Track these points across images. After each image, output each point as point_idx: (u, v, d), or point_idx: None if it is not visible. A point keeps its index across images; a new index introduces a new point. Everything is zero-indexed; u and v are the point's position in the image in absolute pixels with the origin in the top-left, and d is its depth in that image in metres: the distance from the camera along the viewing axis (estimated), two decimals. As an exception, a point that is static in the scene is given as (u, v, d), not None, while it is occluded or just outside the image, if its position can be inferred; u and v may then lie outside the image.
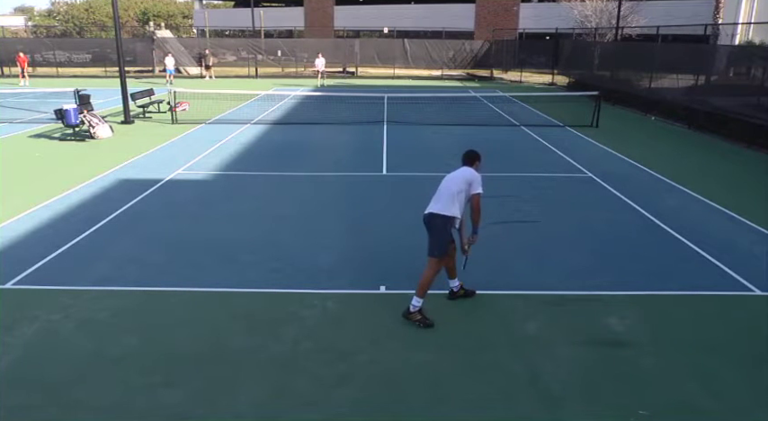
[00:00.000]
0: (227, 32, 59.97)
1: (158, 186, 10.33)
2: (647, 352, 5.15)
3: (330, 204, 9.49)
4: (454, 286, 6.08)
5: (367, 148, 13.88)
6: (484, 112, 20.36)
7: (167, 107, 18.45)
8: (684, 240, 7.85)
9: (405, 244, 7.67)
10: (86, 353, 5.04)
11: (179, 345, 5.18)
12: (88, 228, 8.04)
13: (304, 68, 37.58)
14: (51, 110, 15.89)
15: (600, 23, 31.48)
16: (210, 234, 8.00)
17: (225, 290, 6.26)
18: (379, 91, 23.70)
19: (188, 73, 35.32)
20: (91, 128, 14.77)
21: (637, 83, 21.84)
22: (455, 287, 6.08)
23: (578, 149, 14.00)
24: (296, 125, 17.26)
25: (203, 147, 13.81)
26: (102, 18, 68.91)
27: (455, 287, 6.08)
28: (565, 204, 9.63)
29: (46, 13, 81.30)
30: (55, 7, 79.97)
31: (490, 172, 11.47)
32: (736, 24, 27.32)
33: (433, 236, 5.60)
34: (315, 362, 4.95)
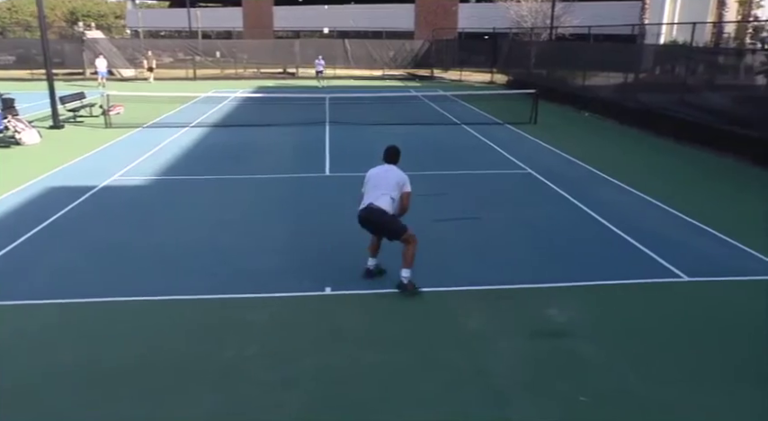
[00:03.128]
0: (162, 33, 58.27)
1: (92, 193, 9.93)
2: (586, 341, 5.33)
3: (273, 206, 9.38)
4: (373, 264, 6.49)
5: (309, 149, 13.79)
6: (425, 111, 20.58)
7: (100, 111, 17.75)
8: (618, 231, 8.18)
9: (349, 244, 7.65)
10: (19, 370, 4.80)
11: (118, 358, 5.00)
12: (16, 240, 7.64)
13: (244, 69, 36.97)
14: (-28, 115, 15.00)
15: (535, 23, 32.39)
16: (149, 241, 7.76)
17: (165, 298, 6.08)
18: (320, 91, 23.57)
19: (121, 75, 34.12)
20: (16, 133, 14.05)
21: (571, 81, 22.58)
22: (372, 266, 6.49)
23: (517, 146, 14.35)
24: (237, 127, 16.95)
25: (140, 151, 13.37)
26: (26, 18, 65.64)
27: (372, 266, 6.49)
28: (505, 200, 9.86)
29: (-36, 13, 76.72)
30: (-26, 7, 75.60)
31: (431, 170, 11.65)
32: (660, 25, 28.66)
33: (386, 224, 6.07)
34: (261, 368, 4.88)
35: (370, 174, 6.26)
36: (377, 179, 6.10)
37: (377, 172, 6.20)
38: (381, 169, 6.23)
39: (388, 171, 6.18)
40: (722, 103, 14.16)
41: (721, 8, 31.74)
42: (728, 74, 15.80)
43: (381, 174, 6.11)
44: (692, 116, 14.75)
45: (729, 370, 4.89)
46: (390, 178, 6.08)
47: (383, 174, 6.11)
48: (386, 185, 6.04)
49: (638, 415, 4.34)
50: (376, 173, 6.21)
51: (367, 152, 13.42)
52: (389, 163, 6.29)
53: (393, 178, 6.09)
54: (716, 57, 17.13)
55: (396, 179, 6.09)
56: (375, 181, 6.11)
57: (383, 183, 6.05)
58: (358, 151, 13.55)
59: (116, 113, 17.79)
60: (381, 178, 6.07)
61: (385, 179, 6.05)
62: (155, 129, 16.68)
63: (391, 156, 6.37)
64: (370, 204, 6.02)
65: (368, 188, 6.16)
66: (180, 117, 18.82)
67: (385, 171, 6.19)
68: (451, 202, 9.60)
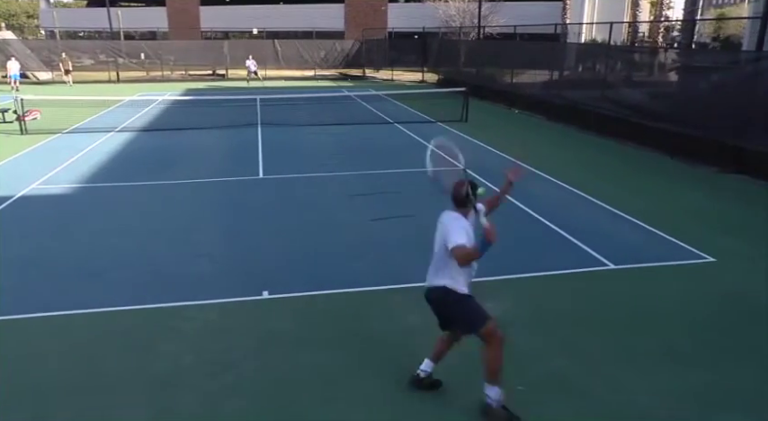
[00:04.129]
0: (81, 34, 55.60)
1: (8, 203, 9.36)
2: (522, 331, 5.49)
3: (205, 211, 9.15)
4: (425, 370, 4.58)
5: (242, 152, 13.53)
6: (358, 111, 20.61)
7: (14, 116, 16.74)
8: (549, 224, 8.47)
9: (285, 247, 7.60)
10: (-71, 398, 4.46)
11: (45, 376, 4.74)
12: (-76, 257, 7.10)
13: (171, 72, 35.81)
14: None
15: (464, 23, 33.08)
16: (74, 252, 7.39)
17: (92, 310, 5.81)
18: (251, 93, 23.15)
19: (37, 78, 32.33)
20: None
21: (500, 79, 23.20)
22: (424, 372, 4.57)
23: (450, 144, 14.57)
24: (166, 131, 16.41)
25: (61, 158, 12.71)
26: (-73, 18, 61.05)
27: (424, 372, 4.57)
28: (439, 197, 9.99)
29: None
30: None
31: (367, 169, 11.68)
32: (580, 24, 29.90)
33: (451, 311, 4.41)
34: (200, 377, 4.75)
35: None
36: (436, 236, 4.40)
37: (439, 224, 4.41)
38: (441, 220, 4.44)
39: (440, 224, 4.46)
40: (639, 99, 14.93)
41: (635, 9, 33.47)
42: (644, 71, 16.68)
43: (439, 229, 4.40)
44: (613, 111, 15.47)
45: (654, 351, 5.16)
46: (441, 234, 4.36)
47: (439, 229, 4.40)
48: (437, 248, 4.38)
49: (574, 399, 4.51)
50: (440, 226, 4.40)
51: (300, 154, 13.34)
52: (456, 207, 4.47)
53: (441, 233, 4.36)
54: (631, 55, 18.04)
55: (442, 233, 4.33)
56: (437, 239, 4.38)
57: (437, 245, 4.39)
58: (291, 153, 13.42)
59: (32, 119, 16.84)
60: (437, 235, 4.41)
61: (438, 237, 4.38)
62: (76, 134, 15.90)
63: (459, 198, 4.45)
64: (428, 285, 4.46)
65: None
66: (103, 122, 18.02)
67: (440, 224, 4.45)
68: (387, 201, 9.66)
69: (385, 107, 21.60)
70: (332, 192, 10.23)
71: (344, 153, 13.32)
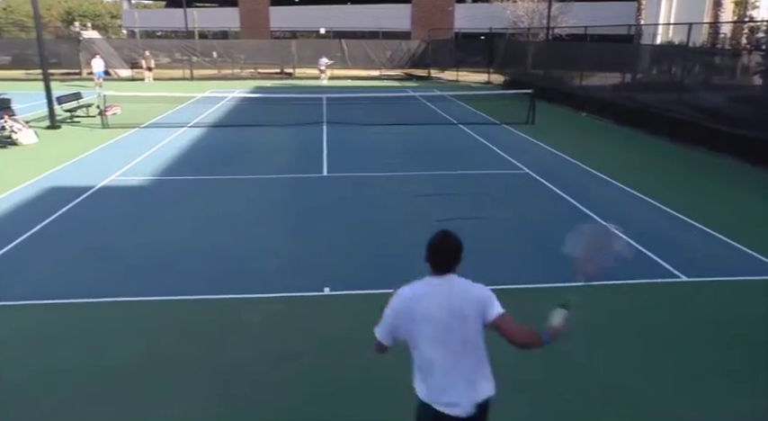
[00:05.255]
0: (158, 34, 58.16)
1: (89, 194, 9.91)
2: (583, 341, 5.33)
3: (271, 207, 9.37)
4: None
5: (307, 150, 13.78)
6: (422, 111, 20.59)
7: (97, 111, 17.71)
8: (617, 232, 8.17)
9: (347, 244, 7.68)
10: (18, 369, 4.78)
11: (116, 358, 4.99)
12: (13, 240, 7.62)
13: (241, 70, 36.92)
14: (-32, 116, 14.95)
15: (532, 23, 32.43)
16: (146, 242, 7.74)
17: (163, 298, 6.07)
18: (317, 92, 23.56)
19: (118, 75, 34.04)
20: (13, 134, 14.00)
21: (568, 81, 22.63)
22: None
23: (514, 146, 14.37)
24: (234, 127, 16.93)
25: (137, 152, 13.34)
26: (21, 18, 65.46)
27: None
28: (503, 199, 9.88)
29: (-41, 13, 76.47)
30: (-31, 7, 75.38)
31: (430, 170, 11.66)
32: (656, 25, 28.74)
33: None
34: (260, 368, 4.87)
35: (410, 312, 2.95)
36: (435, 329, 2.87)
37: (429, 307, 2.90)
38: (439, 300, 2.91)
39: (452, 298, 2.91)
40: (718, 103, 14.21)
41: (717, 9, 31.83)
42: (724, 74, 15.87)
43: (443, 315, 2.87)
44: (687, 115, 14.79)
45: (723, 370, 4.90)
46: (466, 315, 2.89)
47: (448, 313, 2.87)
48: (466, 338, 2.90)
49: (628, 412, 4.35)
50: (428, 310, 2.89)
51: (364, 153, 13.45)
52: (445, 270, 3.03)
53: (470, 312, 2.91)
54: (712, 57, 17.20)
55: (474, 308, 2.94)
56: (432, 333, 2.88)
57: (457, 338, 2.88)
58: (355, 152, 13.55)
59: (113, 114, 17.75)
60: (447, 325, 2.86)
61: (456, 326, 2.87)
62: (152, 129, 16.65)
63: (449, 258, 3.06)
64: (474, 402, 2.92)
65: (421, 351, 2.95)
66: (177, 117, 18.79)
67: (452, 307, 2.88)
68: (451, 203, 9.60)
69: (449, 108, 21.48)
70: (395, 191, 10.27)
71: (408, 153, 13.33)
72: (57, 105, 17.03)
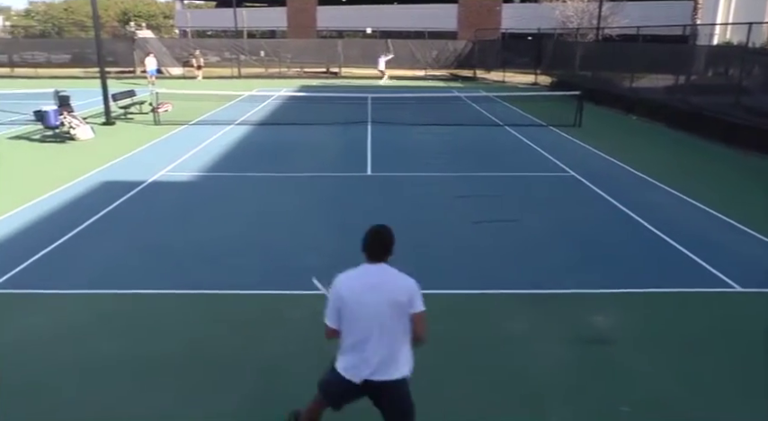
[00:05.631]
0: (209, 33, 59.53)
1: (141, 188, 10.24)
2: (630, 350, 5.21)
3: (315, 205, 9.48)
4: None
5: (351, 149, 13.88)
6: (467, 112, 20.45)
7: (149, 108, 18.28)
8: (666, 237, 7.96)
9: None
10: (68, 358, 4.99)
11: (162, 349, 5.14)
12: (69, 231, 7.94)
13: (287, 69, 37.44)
14: (31, 111, 15.65)
15: (581, 24, 31.80)
16: (195, 236, 7.95)
17: (210, 292, 6.22)
18: (362, 91, 23.69)
19: (170, 73, 35.01)
20: (71, 129, 14.59)
21: (618, 82, 22.09)
22: None
23: (561, 148, 14.12)
24: (280, 126, 17.20)
25: (187, 148, 13.71)
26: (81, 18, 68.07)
27: None
28: (547, 202, 9.72)
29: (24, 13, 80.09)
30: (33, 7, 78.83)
31: (472, 171, 11.57)
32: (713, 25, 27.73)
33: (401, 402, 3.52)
34: (303, 365, 4.93)
35: (349, 294, 3.35)
36: (367, 309, 3.29)
37: (363, 290, 3.32)
38: (372, 284, 3.34)
39: (380, 286, 3.33)
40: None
41: (779, 8, 30.47)
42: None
43: (374, 297, 3.29)
44: (745, 119, 14.23)
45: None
46: (393, 301, 3.28)
47: (379, 297, 3.29)
48: (390, 320, 3.29)
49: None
50: (361, 293, 3.31)
51: (408, 153, 13.45)
52: (377, 260, 3.44)
53: (397, 299, 3.29)
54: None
55: (401, 298, 3.31)
56: (363, 312, 3.30)
57: (382, 320, 3.28)
58: (400, 152, 13.58)
59: (164, 111, 18.28)
60: (377, 307, 3.27)
61: (384, 308, 3.27)
62: (200, 126, 17.08)
63: (381, 248, 3.48)
64: (369, 378, 3.36)
65: (351, 327, 3.35)
66: (225, 115, 19.21)
67: (383, 292, 3.30)
68: (492, 204, 9.52)
69: (495, 109, 21.27)
70: (437, 192, 10.24)
71: (452, 153, 13.27)
72: (112, 102, 17.66)
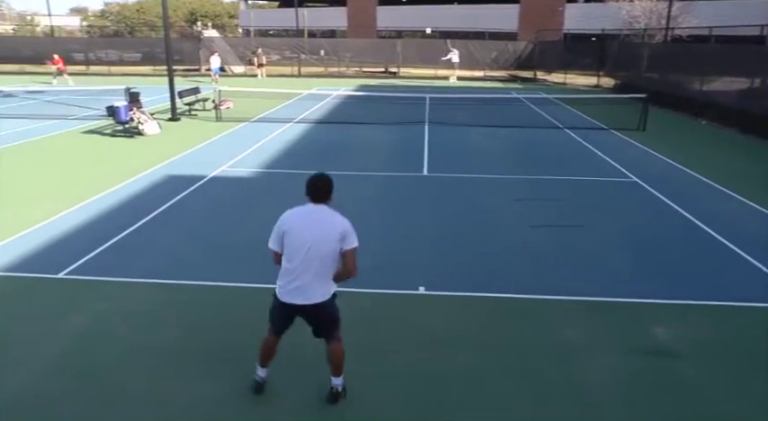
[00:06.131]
0: (270, 32, 60.87)
1: (203, 183, 10.56)
2: (692, 363, 4.99)
3: (369, 203, 9.53)
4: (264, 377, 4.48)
5: (408, 149, 13.87)
6: (526, 114, 20.10)
7: (212, 105, 18.85)
8: (735, 248, 7.58)
9: (443, 245, 7.65)
10: (129, 344, 5.19)
11: (218, 339, 5.27)
12: (136, 222, 8.28)
13: (346, 68, 37.82)
14: (103, 107, 16.42)
15: (649, 24, 30.67)
16: (252, 230, 8.12)
17: (262, 286, 6.33)
18: (420, 91, 23.66)
19: (232, 71, 35.99)
20: (140, 124, 15.21)
21: (687, 85, 21.20)
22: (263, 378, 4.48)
23: (624, 153, 13.68)
24: (338, 124, 17.39)
25: (247, 144, 14.05)
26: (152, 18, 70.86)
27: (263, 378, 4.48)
28: (609, 208, 9.44)
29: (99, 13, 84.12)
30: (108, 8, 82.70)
31: (530, 174, 11.36)
32: (794, 25, 26.19)
33: (328, 319, 4.25)
34: (349, 362, 4.95)
35: (289, 224, 4.06)
36: (302, 239, 3.97)
37: (300, 222, 4.02)
38: (307, 216, 4.06)
39: (319, 222, 4.02)
40: None
41: None
42: None
43: (310, 228, 3.99)
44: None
45: None
46: (328, 237, 3.98)
47: (313, 228, 3.99)
48: (324, 253, 4.00)
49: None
50: (299, 224, 4.01)
51: (465, 153, 13.34)
52: (318, 201, 4.10)
53: (332, 235, 3.98)
54: None
55: (334, 233, 3.98)
56: (300, 241, 3.98)
57: (318, 251, 3.97)
58: (456, 152, 13.48)
59: (226, 108, 18.81)
60: (315, 240, 3.95)
61: (321, 242, 3.96)
62: (260, 123, 17.47)
63: (323, 191, 4.12)
64: (303, 302, 4.07)
65: (290, 253, 4.02)
66: (284, 113, 19.58)
67: (314, 222, 4.01)
68: (551, 208, 9.32)
69: (555, 111, 20.82)
70: (494, 194, 10.10)
71: (509, 156, 13.08)
72: (178, 99, 18.30)
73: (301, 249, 3.96)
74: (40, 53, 29.35)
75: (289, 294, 4.07)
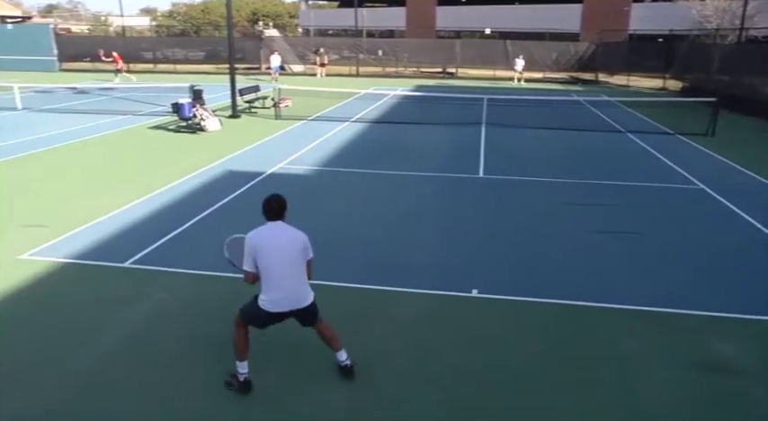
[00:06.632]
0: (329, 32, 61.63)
1: (261, 179, 10.80)
2: (755, 381, 4.74)
3: (424, 204, 9.51)
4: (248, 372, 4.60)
5: (464, 150, 13.76)
6: (586, 117, 19.57)
7: (271, 103, 19.24)
8: (810, 263, 7.15)
9: (498, 248, 7.55)
10: (188, 333, 5.37)
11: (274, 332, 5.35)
12: (197, 215, 8.55)
13: (404, 68, 37.85)
14: (169, 103, 17.04)
15: (721, 24, 29.34)
16: (309, 228, 8.18)
17: (317, 283, 6.39)
18: (478, 92, 23.43)
19: (292, 70, 36.63)
20: (202, 121, 15.69)
21: (762, 89, 20.14)
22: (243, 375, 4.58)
23: (689, 159, 13.13)
24: (394, 124, 17.42)
25: (304, 142, 14.27)
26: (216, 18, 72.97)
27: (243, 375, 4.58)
28: (673, 216, 9.08)
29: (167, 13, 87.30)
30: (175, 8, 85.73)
31: (590, 179, 11.06)
32: None
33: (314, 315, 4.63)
34: (403, 363, 4.96)
35: (260, 243, 4.35)
36: (278, 254, 4.35)
37: (269, 239, 4.38)
38: (273, 232, 4.44)
39: (284, 235, 4.47)
40: None
41: None
42: None
43: (279, 241, 4.39)
44: None
45: None
46: (295, 247, 4.43)
47: (285, 244, 4.40)
48: (296, 261, 4.42)
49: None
50: (269, 241, 4.37)
51: (522, 156, 13.12)
52: (276, 219, 4.52)
53: (297, 245, 4.44)
54: None
55: (300, 245, 4.46)
56: (275, 254, 4.34)
57: (291, 260, 4.39)
58: (513, 155, 13.28)
59: (285, 106, 19.16)
60: (285, 251, 4.38)
61: (291, 252, 4.39)
62: (318, 122, 17.71)
63: (279, 210, 4.57)
64: (295, 308, 4.43)
65: (269, 267, 4.32)
66: (341, 112, 19.78)
67: (281, 235, 4.44)
68: (610, 214, 9.05)
69: (616, 114, 20.19)
70: (551, 198, 9.90)
71: (568, 159, 12.78)
72: (238, 97, 18.78)
73: (278, 261, 4.32)
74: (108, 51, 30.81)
75: (277, 305, 4.36)
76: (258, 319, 4.45)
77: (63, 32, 52.84)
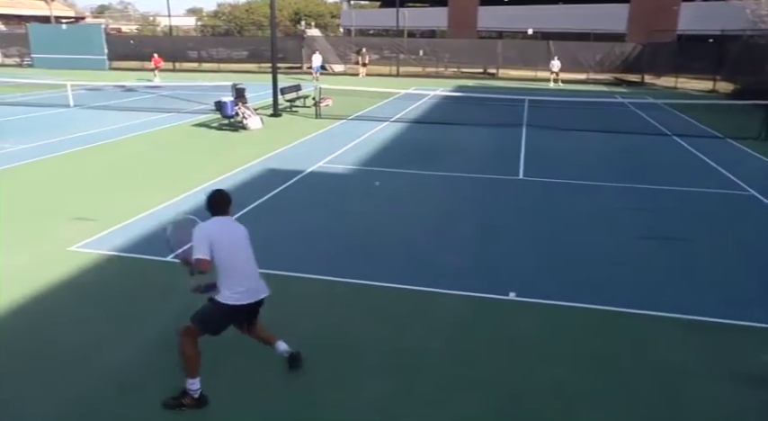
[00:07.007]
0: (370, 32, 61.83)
1: (300, 177, 10.91)
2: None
3: (464, 205, 9.45)
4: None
5: (504, 151, 13.62)
6: (631, 120, 19.11)
7: (312, 102, 19.42)
8: None
9: (537, 251, 7.44)
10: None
11: (308, 331, 5.40)
12: (238, 212, 8.66)
13: (445, 68, 37.69)
14: (212, 101, 17.37)
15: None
16: (346, 226, 8.30)
17: (357, 281, 6.45)
18: (519, 93, 23.15)
19: (333, 70, 36.90)
20: (244, 119, 15.95)
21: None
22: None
23: (740, 164, 12.68)
24: (434, 125, 17.37)
25: (343, 142, 14.35)
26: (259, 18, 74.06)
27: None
28: (721, 223, 8.79)
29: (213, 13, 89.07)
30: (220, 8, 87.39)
31: (635, 183, 10.79)
32: None
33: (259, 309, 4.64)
34: (443, 363, 4.93)
35: (214, 234, 4.26)
36: (237, 247, 4.38)
37: (222, 231, 4.34)
38: (223, 225, 4.40)
39: (234, 228, 4.50)
40: None
41: None
42: None
43: (232, 234, 4.41)
44: None
45: None
46: (247, 240, 4.52)
47: (241, 238, 4.46)
48: (251, 254, 4.50)
49: None
50: (222, 233, 4.32)
51: (563, 159, 12.90)
52: (224, 213, 4.47)
53: (247, 239, 4.52)
54: None
55: (245, 236, 4.50)
56: (232, 245, 4.34)
57: (248, 253, 4.48)
58: (554, 157, 13.07)
59: (325, 105, 19.31)
60: (243, 245, 4.45)
61: (246, 244, 4.48)
62: (358, 121, 17.79)
63: (225, 205, 4.49)
64: (256, 299, 4.46)
65: (230, 258, 4.29)
66: (381, 111, 19.83)
67: (232, 228, 4.47)
68: (655, 220, 8.82)
69: (663, 117, 19.66)
70: (593, 201, 9.70)
71: (612, 162, 12.50)
72: (280, 96, 19.03)
73: (238, 254, 4.35)
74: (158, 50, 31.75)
75: (244, 297, 4.34)
76: (219, 322, 4.35)
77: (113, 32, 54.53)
